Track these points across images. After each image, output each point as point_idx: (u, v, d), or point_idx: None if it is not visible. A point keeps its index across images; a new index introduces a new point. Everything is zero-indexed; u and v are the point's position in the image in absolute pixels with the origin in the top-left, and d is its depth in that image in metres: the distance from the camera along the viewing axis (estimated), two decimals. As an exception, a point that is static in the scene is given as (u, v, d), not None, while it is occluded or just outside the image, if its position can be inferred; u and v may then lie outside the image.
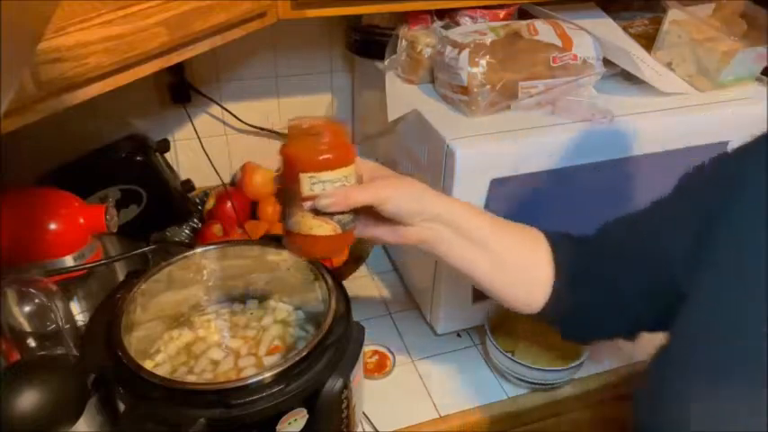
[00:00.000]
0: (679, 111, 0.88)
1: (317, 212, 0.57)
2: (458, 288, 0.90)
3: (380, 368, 0.90)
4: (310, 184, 0.56)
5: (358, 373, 0.68)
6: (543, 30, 0.87)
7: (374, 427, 0.82)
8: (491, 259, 0.64)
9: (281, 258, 0.79)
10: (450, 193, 0.79)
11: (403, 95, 0.90)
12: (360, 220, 0.61)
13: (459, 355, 0.94)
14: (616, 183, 0.89)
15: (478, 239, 0.63)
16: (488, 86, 0.82)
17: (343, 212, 0.58)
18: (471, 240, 0.63)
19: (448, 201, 0.63)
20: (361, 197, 0.58)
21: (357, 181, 0.59)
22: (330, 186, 0.56)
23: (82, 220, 0.77)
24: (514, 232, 0.68)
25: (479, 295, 0.92)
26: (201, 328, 0.80)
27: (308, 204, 0.57)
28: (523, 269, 0.67)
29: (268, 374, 0.60)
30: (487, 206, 0.82)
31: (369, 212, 0.60)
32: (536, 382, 0.86)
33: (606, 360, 0.92)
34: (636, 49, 0.96)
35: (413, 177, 0.63)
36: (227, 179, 1.21)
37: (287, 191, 0.59)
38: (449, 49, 0.84)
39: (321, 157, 0.56)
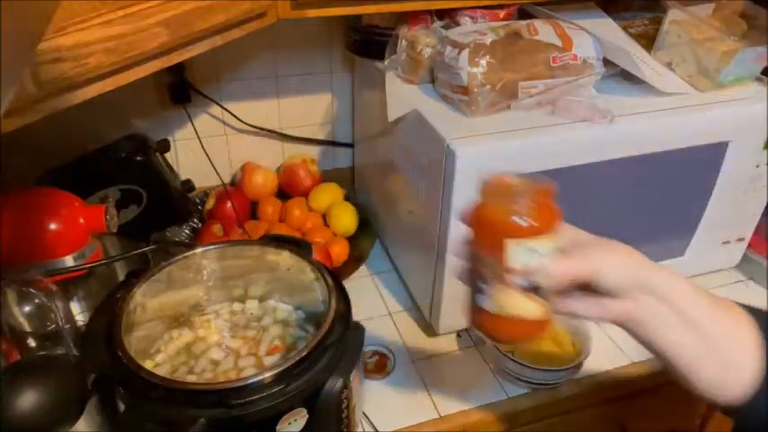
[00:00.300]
0: (679, 111, 0.88)
1: (524, 288, 0.49)
2: (458, 288, 0.90)
3: (380, 368, 0.90)
4: (517, 253, 0.48)
5: (358, 373, 0.68)
6: (543, 30, 0.87)
7: (374, 427, 0.82)
8: (702, 344, 0.54)
9: (280, 258, 0.79)
10: (450, 194, 0.79)
11: (403, 95, 0.90)
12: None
13: (459, 355, 0.94)
14: (616, 183, 0.89)
15: (694, 320, 0.53)
16: (488, 86, 0.82)
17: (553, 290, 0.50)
18: (686, 320, 0.53)
19: (666, 272, 0.55)
20: (584, 269, 0.50)
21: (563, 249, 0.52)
22: (540, 257, 0.48)
23: (82, 220, 0.77)
24: (726, 311, 0.56)
25: (479, 295, 0.92)
26: (201, 328, 0.80)
27: (516, 279, 0.49)
28: (733, 355, 0.55)
29: (268, 374, 0.60)
30: (487, 206, 0.82)
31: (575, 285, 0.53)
32: (536, 382, 0.86)
33: (606, 360, 0.92)
34: (636, 49, 0.96)
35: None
36: (227, 179, 1.21)
37: (481, 261, 0.51)
38: (449, 49, 0.84)
39: (530, 224, 0.48)
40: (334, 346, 0.65)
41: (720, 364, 0.54)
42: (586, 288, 0.51)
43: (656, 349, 0.55)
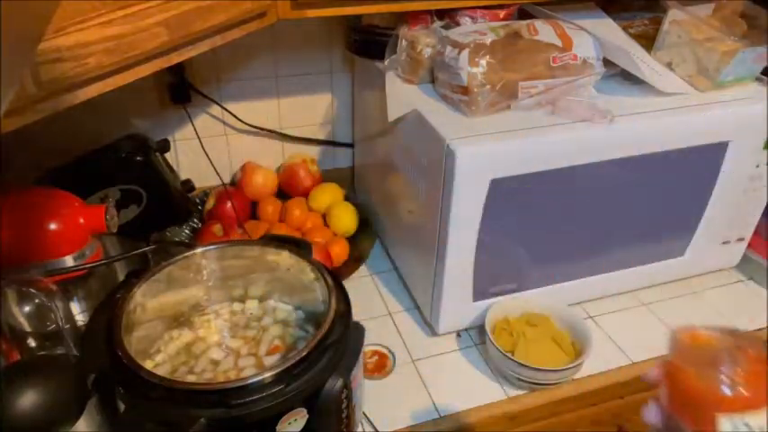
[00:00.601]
0: (679, 111, 0.88)
1: None
2: (458, 288, 0.90)
3: (380, 368, 0.90)
4: (733, 429, 0.42)
5: (358, 373, 0.68)
6: (543, 30, 0.87)
7: (374, 427, 0.82)
8: None
9: (281, 258, 0.79)
10: (450, 194, 0.79)
11: (403, 95, 0.90)
12: None
13: (459, 355, 0.94)
14: (616, 183, 0.89)
15: None
16: (488, 86, 0.82)
17: None
18: None
19: None
20: None
21: None
22: None
23: (82, 220, 0.77)
24: None
25: (480, 295, 0.92)
26: (201, 328, 0.80)
27: None
28: None
29: (268, 374, 0.60)
30: (487, 206, 0.82)
31: None
32: (536, 382, 0.86)
33: (606, 360, 0.92)
34: (636, 49, 0.96)
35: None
36: (227, 179, 1.21)
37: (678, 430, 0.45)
38: (449, 49, 0.84)
39: (737, 389, 0.42)
40: (334, 346, 0.65)
41: None
42: None
43: None
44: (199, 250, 0.78)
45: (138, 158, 0.98)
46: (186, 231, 1.10)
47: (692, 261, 1.04)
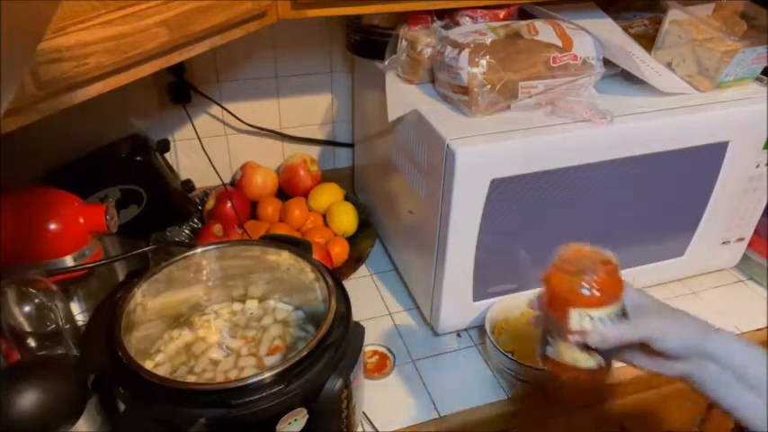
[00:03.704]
0: (679, 111, 0.88)
1: (583, 346, 0.57)
2: (458, 288, 0.90)
3: (380, 368, 0.90)
4: (579, 319, 0.56)
5: (358, 373, 0.68)
6: (543, 30, 0.87)
7: (374, 427, 0.82)
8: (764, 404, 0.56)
9: (281, 258, 0.79)
10: (450, 194, 0.79)
11: (403, 95, 0.90)
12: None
13: (459, 355, 0.94)
14: (616, 183, 0.89)
15: (753, 380, 0.56)
16: (488, 86, 0.82)
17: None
18: (747, 382, 0.56)
19: (724, 337, 0.58)
20: (636, 335, 0.56)
21: (623, 313, 0.58)
22: (600, 323, 0.55)
23: (82, 220, 0.77)
24: None
25: (480, 295, 0.92)
26: (201, 328, 0.80)
27: (575, 338, 0.57)
28: None
29: (268, 374, 0.60)
30: (487, 206, 0.82)
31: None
32: (536, 382, 0.86)
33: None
34: (636, 49, 0.96)
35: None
36: (227, 179, 1.21)
37: (549, 319, 0.59)
38: (449, 49, 0.84)
39: (593, 294, 0.55)
40: (334, 346, 0.65)
41: None
42: (646, 348, 0.56)
43: (722, 408, 0.57)
44: (199, 250, 0.78)
45: (138, 158, 0.98)
46: (186, 231, 1.10)
47: (691, 261, 1.04)
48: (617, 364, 0.60)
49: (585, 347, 0.56)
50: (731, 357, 0.56)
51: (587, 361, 0.57)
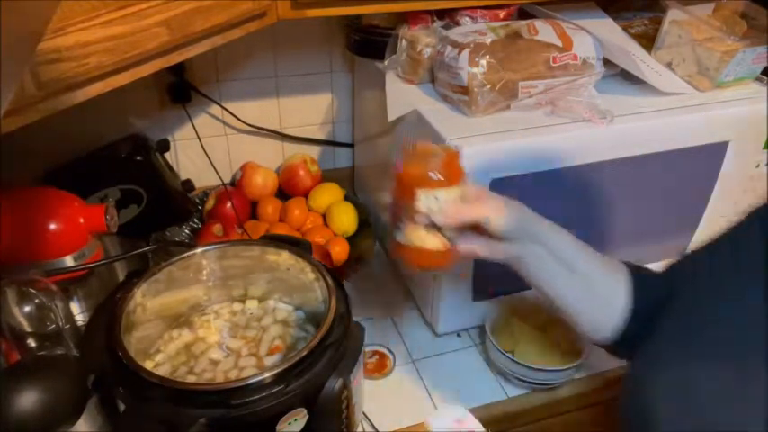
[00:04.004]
0: (679, 111, 0.88)
1: (428, 227, 0.62)
2: (458, 288, 0.90)
3: (380, 368, 0.90)
4: (426, 200, 0.61)
5: (358, 373, 0.68)
6: (543, 30, 0.87)
7: (374, 427, 0.82)
8: (577, 281, 0.66)
9: (281, 258, 0.79)
10: (450, 193, 0.79)
11: (403, 95, 0.90)
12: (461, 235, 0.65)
13: (459, 355, 0.94)
14: (616, 183, 0.89)
15: (568, 261, 0.65)
16: (488, 86, 0.82)
17: (450, 229, 0.63)
18: (561, 261, 0.65)
19: (545, 222, 0.66)
20: (473, 213, 0.62)
21: (465, 200, 0.64)
22: (444, 204, 0.61)
23: (82, 220, 0.77)
24: (601, 259, 0.69)
25: (479, 295, 0.92)
26: (201, 328, 0.80)
27: (421, 218, 0.61)
28: (605, 296, 0.68)
29: (268, 374, 0.60)
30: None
31: (471, 228, 0.64)
32: (536, 382, 0.86)
33: (606, 360, 0.92)
34: (636, 49, 0.96)
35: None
36: (227, 179, 1.21)
37: (400, 206, 0.63)
38: (449, 49, 0.84)
39: (438, 176, 0.61)
40: (334, 346, 0.65)
41: (597, 306, 0.68)
42: (483, 232, 0.63)
43: (539, 283, 0.67)
44: (199, 250, 0.78)
45: (138, 158, 0.98)
46: (186, 231, 1.10)
47: (692, 261, 1.04)
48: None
49: (431, 228, 0.62)
50: (554, 239, 0.64)
51: (433, 241, 0.62)
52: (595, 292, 0.68)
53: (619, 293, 0.68)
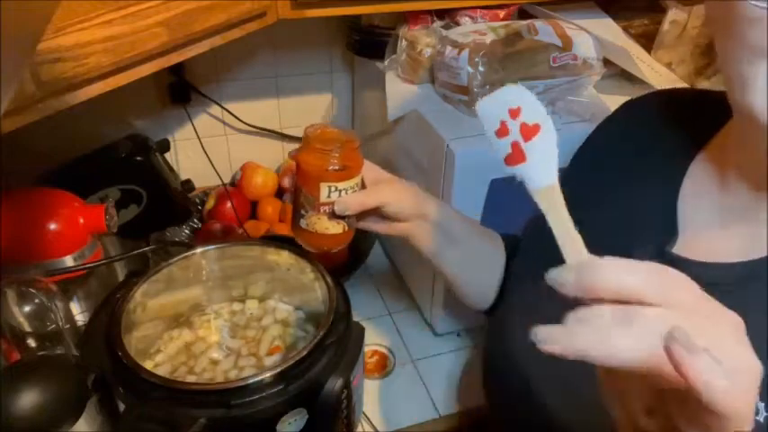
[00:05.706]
0: (679, 111, 0.87)
1: (331, 215, 0.64)
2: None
3: (380, 368, 0.90)
4: (329, 191, 0.63)
5: (358, 373, 0.68)
6: (543, 30, 0.87)
7: (374, 427, 0.82)
8: (460, 251, 0.71)
9: (281, 258, 0.79)
10: (450, 193, 0.80)
11: (403, 95, 0.90)
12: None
13: (460, 355, 0.94)
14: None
15: (459, 238, 0.70)
16: (488, 86, 0.82)
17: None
18: (452, 238, 0.70)
19: (437, 202, 0.70)
20: (372, 202, 0.65)
21: (363, 185, 0.66)
22: (344, 194, 0.63)
23: (82, 220, 0.77)
24: (486, 235, 0.76)
25: (479, 295, 0.92)
26: (201, 328, 0.80)
27: (325, 209, 0.64)
28: (489, 269, 0.74)
29: (268, 374, 0.60)
30: (487, 206, 0.82)
31: (369, 211, 0.67)
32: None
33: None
34: (636, 49, 0.96)
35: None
36: (227, 179, 1.21)
37: (302, 194, 0.65)
38: (449, 49, 0.84)
39: (339, 169, 0.63)
40: (334, 346, 0.65)
41: (480, 273, 0.74)
42: (380, 213, 0.67)
43: (435, 263, 0.71)
44: (199, 250, 0.78)
45: (138, 158, 0.98)
46: (186, 231, 1.10)
47: (691, 261, 1.03)
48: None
49: (333, 216, 0.64)
50: (442, 217, 0.69)
51: (335, 228, 0.65)
52: (477, 260, 0.74)
53: (497, 258, 0.74)
